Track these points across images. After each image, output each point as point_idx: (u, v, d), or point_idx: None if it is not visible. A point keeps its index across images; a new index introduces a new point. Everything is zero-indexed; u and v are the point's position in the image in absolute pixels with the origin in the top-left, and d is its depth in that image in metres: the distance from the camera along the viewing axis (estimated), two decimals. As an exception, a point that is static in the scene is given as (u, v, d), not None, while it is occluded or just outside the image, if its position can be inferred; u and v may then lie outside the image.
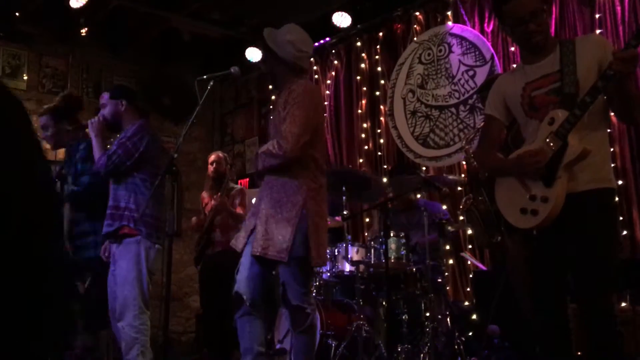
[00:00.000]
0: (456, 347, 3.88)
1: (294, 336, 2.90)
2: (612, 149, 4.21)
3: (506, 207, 2.48)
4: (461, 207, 3.90)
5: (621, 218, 4.19)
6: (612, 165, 2.97)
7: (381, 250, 4.13)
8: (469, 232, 5.06)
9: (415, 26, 5.90)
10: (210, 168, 5.15)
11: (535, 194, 2.34)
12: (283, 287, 2.84)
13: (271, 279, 2.93)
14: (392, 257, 4.19)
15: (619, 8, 4.45)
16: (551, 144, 2.29)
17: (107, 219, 3.38)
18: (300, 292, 2.83)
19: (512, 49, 5.04)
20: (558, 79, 2.36)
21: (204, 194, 5.28)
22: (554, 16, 4.78)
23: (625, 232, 4.21)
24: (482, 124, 3.03)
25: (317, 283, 4.44)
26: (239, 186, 5.35)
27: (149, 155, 3.41)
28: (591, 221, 2.29)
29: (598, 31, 4.46)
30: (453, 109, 5.49)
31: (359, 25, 6.22)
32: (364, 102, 6.31)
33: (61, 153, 6.17)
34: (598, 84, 2.23)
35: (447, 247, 5.12)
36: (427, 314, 4.04)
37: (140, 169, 3.40)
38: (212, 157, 5.20)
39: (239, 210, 4.93)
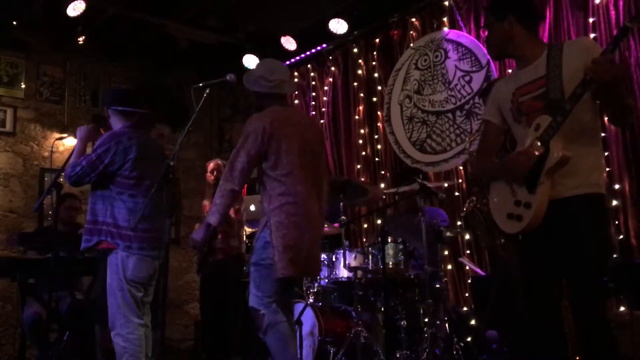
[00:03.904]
0: (455, 352, 3.88)
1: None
2: (606, 153, 4.19)
3: (496, 212, 2.49)
4: (464, 209, 3.91)
5: (617, 222, 4.19)
6: (607, 169, 2.97)
7: (379, 256, 4.13)
8: (467, 237, 5.07)
9: (411, 32, 5.92)
10: (211, 177, 5.18)
11: (520, 200, 2.34)
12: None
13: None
14: (390, 262, 4.20)
15: (613, 12, 4.45)
16: (534, 151, 2.29)
17: (85, 233, 3.29)
18: (257, 296, 3.02)
19: (508, 54, 5.05)
20: (544, 84, 2.35)
21: (206, 202, 5.29)
22: (547, 20, 4.78)
23: (621, 237, 4.20)
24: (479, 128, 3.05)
25: (315, 289, 4.44)
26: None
27: (117, 167, 3.25)
28: (579, 225, 2.27)
29: (592, 35, 4.46)
30: (450, 115, 5.50)
31: (355, 32, 6.24)
32: (361, 108, 6.32)
33: (59, 160, 6.22)
34: (577, 90, 2.20)
35: (446, 253, 5.13)
36: (426, 320, 4.03)
37: (114, 181, 3.26)
38: (212, 166, 5.24)
39: (231, 212, 4.94)
